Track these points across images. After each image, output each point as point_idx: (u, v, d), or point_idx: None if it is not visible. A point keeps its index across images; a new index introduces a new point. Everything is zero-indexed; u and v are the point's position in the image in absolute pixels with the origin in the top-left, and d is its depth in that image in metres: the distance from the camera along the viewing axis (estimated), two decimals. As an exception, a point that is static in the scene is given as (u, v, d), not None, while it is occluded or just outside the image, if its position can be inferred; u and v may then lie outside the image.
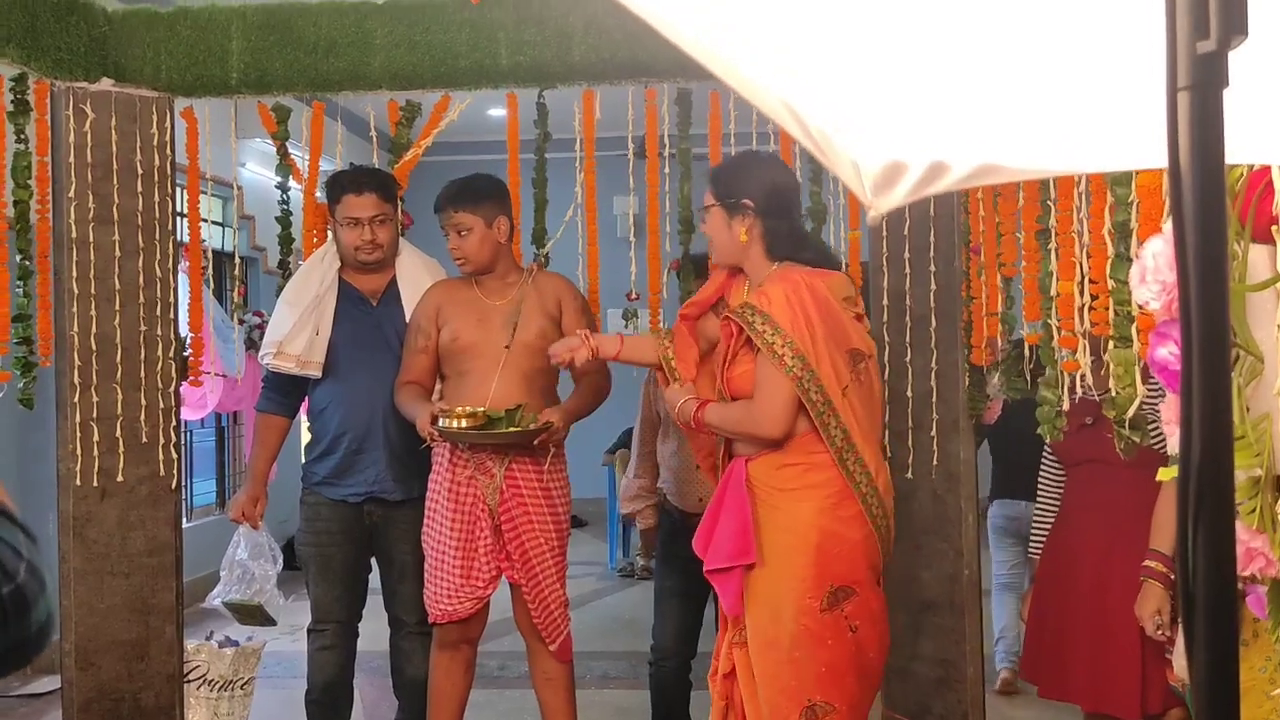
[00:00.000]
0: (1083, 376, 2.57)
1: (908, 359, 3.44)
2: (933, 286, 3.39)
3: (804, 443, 2.60)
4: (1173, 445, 1.38)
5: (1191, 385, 0.76)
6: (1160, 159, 0.87)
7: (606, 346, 3.00)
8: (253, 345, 5.63)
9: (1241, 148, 0.82)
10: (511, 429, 3.07)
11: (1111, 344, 2.37)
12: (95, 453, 3.40)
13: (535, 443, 3.13)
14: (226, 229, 6.53)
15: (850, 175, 0.88)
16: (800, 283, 2.60)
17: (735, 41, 0.88)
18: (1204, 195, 0.75)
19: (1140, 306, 1.83)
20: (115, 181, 3.44)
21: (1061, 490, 3.11)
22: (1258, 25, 0.79)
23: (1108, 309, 2.39)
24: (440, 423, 3.05)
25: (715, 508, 2.69)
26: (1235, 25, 0.76)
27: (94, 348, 3.40)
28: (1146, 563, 2.66)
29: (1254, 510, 1.27)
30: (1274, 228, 1.25)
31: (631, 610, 6.19)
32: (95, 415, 3.41)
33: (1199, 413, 0.79)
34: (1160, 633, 2.60)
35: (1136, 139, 0.89)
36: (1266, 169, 1.27)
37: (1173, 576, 2.62)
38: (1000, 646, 4.62)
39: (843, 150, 0.86)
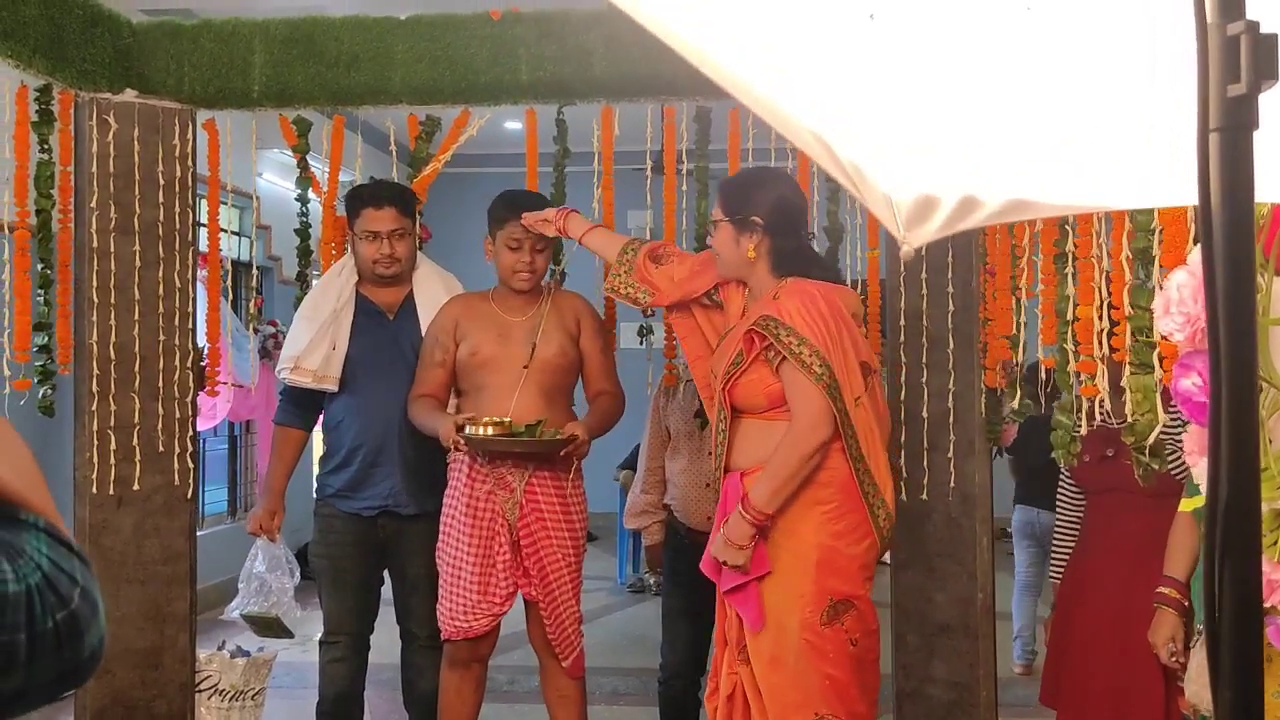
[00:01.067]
0: (1101, 402, 2.56)
1: (924, 379, 3.44)
2: (950, 308, 3.39)
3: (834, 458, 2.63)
4: (1195, 475, 1.38)
5: (1220, 426, 0.76)
6: (1187, 198, 0.87)
7: (574, 227, 3.11)
8: (267, 355, 5.66)
9: (1269, 186, 0.82)
10: (538, 439, 3.09)
11: (1130, 370, 2.37)
12: (112, 461, 3.42)
13: (561, 454, 3.13)
14: (244, 239, 6.56)
15: (883, 209, 0.89)
16: (815, 294, 2.64)
17: (770, 74, 0.89)
18: (1233, 235, 0.75)
19: (1164, 336, 1.83)
20: (137, 192, 3.47)
21: (1081, 513, 3.10)
22: None
23: (1127, 334, 2.39)
24: (467, 430, 3.05)
25: (719, 527, 2.70)
26: (1266, 70, 0.77)
27: (113, 357, 3.42)
28: (1160, 589, 2.66)
29: (1276, 543, 1.27)
30: (1298, 262, 1.26)
31: (642, 626, 6.18)
32: (113, 424, 3.43)
33: (1227, 453, 0.79)
34: (1174, 660, 2.59)
35: (1165, 178, 0.89)
36: (1291, 202, 1.28)
37: (1186, 603, 2.61)
38: (1018, 645, 5.11)
39: (875, 183, 0.87)
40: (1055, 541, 3.22)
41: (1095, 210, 2.18)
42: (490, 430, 3.05)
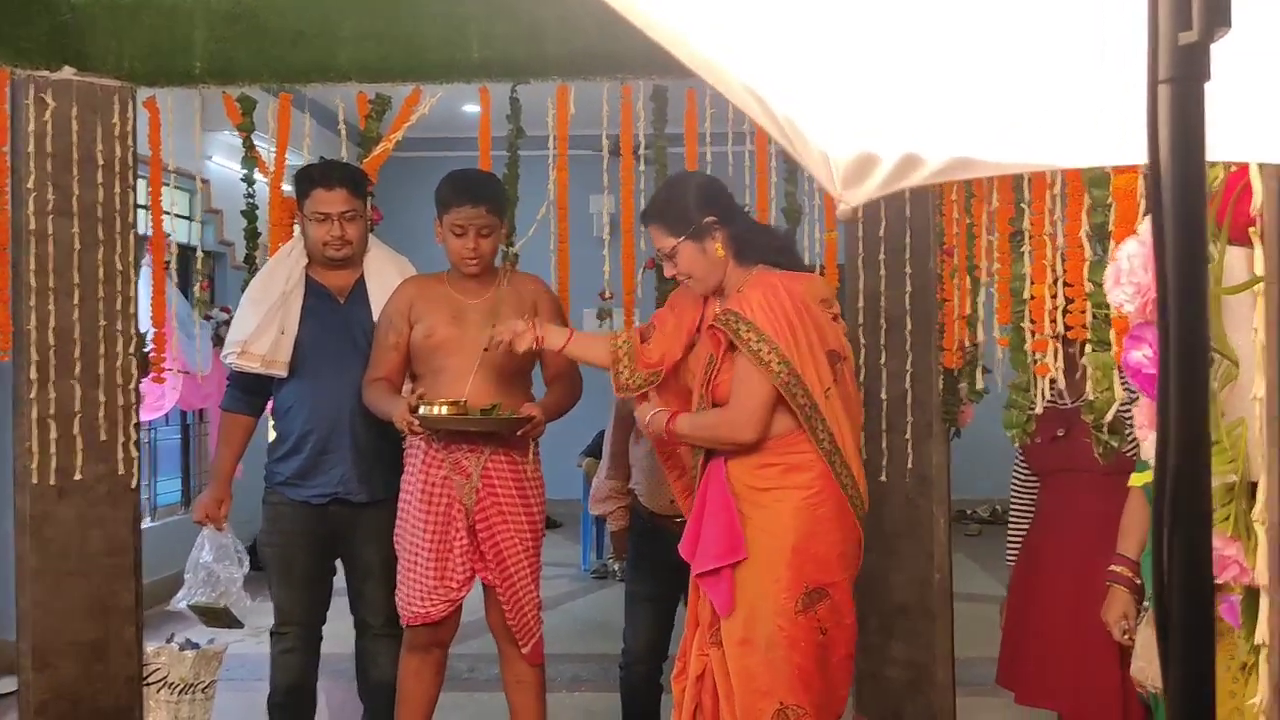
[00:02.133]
0: (1053, 381, 2.55)
1: (882, 361, 3.43)
2: (908, 289, 3.37)
3: (785, 443, 2.60)
4: (1145, 449, 1.36)
5: (1169, 385, 0.73)
6: (1138, 155, 0.84)
7: (553, 338, 2.94)
8: (220, 342, 5.55)
9: (1221, 144, 0.78)
10: (494, 417, 3.04)
11: (1089, 348, 2.35)
12: (53, 450, 3.33)
13: (519, 433, 3.08)
14: (193, 223, 6.43)
15: (819, 166, 0.85)
16: (778, 285, 2.60)
17: (706, 27, 0.84)
18: (1184, 190, 0.72)
19: (1116, 309, 1.81)
20: (75, 172, 3.37)
21: (1034, 495, 3.09)
22: (1240, 17, 0.77)
23: (1084, 313, 2.37)
24: (421, 410, 3.00)
25: (699, 510, 2.66)
26: (1219, 16, 0.73)
27: (52, 343, 3.33)
28: (1112, 567, 2.66)
29: (1228, 517, 1.25)
30: (1251, 229, 1.23)
31: (604, 613, 6.15)
32: (53, 412, 3.33)
33: (1176, 416, 0.76)
34: (1126, 637, 2.59)
35: (1114, 134, 0.86)
36: (1244, 170, 1.25)
37: (1138, 581, 2.61)
38: None
39: (812, 140, 0.83)
40: (1011, 522, 3.20)
41: (1042, 168, 2.16)
42: (444, 410, 3.00)
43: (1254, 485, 1.26)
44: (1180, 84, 0.73)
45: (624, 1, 0.84)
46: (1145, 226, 1.30)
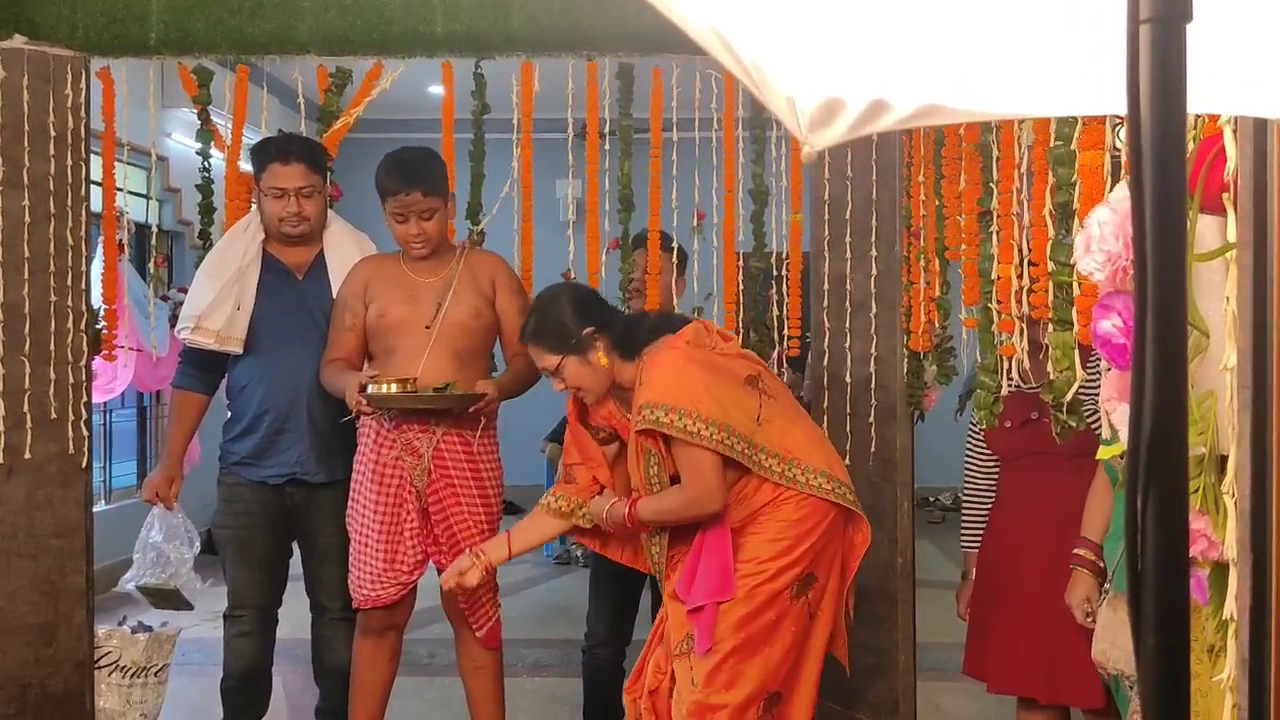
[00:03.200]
0: (1019, 362, 2.54)
1: (847, 345, 3.41)
2: (873, 271, 3.36)
3: (755, 485, 2.62)
4: (1114, 419, 1.33)
5: (1145, 340, 0.70)
6: (1114, 105, 0.80)
7: (495, 552, 2.89)
8: (177, 322, 5.44)
9: (1196, 95, 0.75)
10: (445, 394, 2.99)
11: (1050, 327, 2.33)
12: (1, 428, 3.24)
13: (470, 410, 3.03)
14: (150, 201, 6.31)
15: (784, 110, 0.81)
16: (669, 357, 2.62)
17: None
18: (1164, 133, 0.69)
19: (1081, 281, 1.79)
20: (26, 144, 3.27)
21: (992, 481, 3.07)
22: (1223, -42, 0.74)
23: (1048, 292, 2.35)
24: (370, 389, 2.94)
25: (698, 546, 2.65)
26: (1201, -47, 0.70)
27: (1, 318, 3.23)
28: (1076, 550, 2.66)
29: (1197, 490, 1.23)
30: (1225, 195, 1.21)
31: (566, 598, 6.11)
32: (2, 389, 3.24)
33: (1152, 377, 0.73)
34: (1089, 621, 2.59)
35: (1090, 81, 0.83)
36: (1216, 137, 1.23)
37: (1101, 564, 2.61)
38: None
39: (776, 84, 0.79)
40: (966, 511, 3.18)
41: (1013, 116, 2.14)
42: (393, 388, 2.95)
43: (1224, 458, 1.24)
44: (1161, 24, 0.70)
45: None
46: (1116, 194, 1.27)
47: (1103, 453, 1.31)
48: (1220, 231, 1.24)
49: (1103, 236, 1.18)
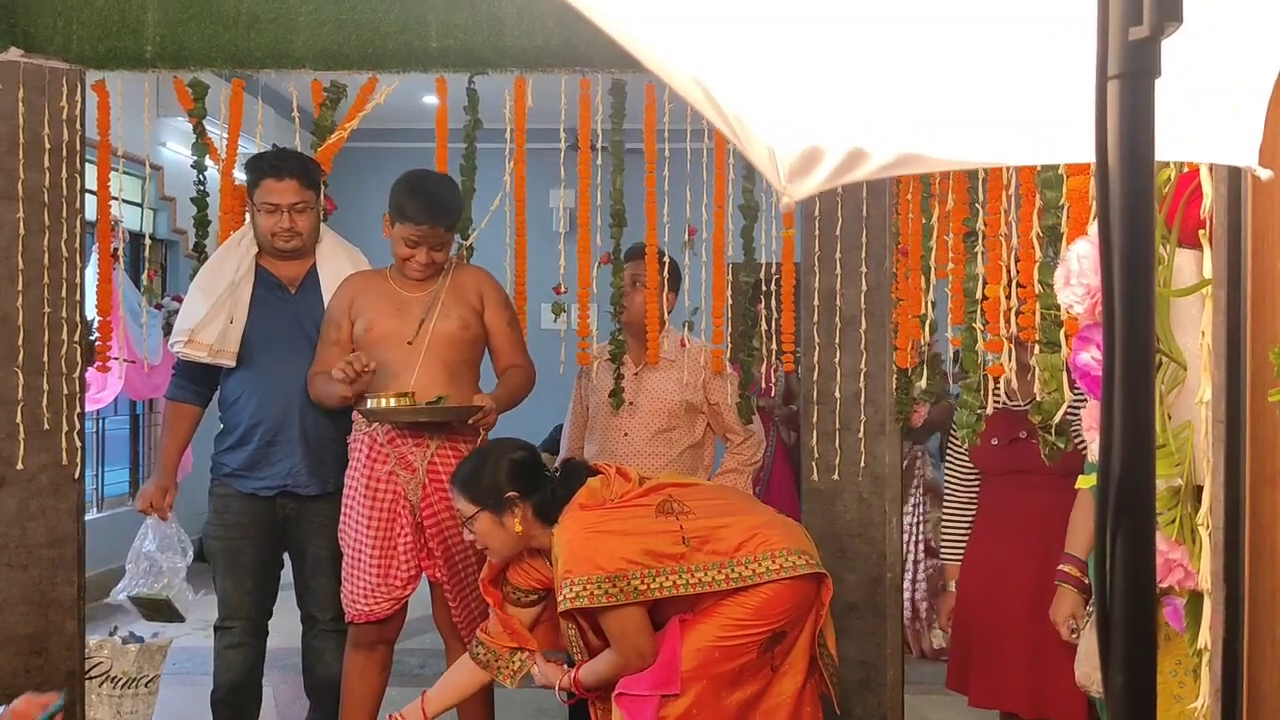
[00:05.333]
0: (1007, 381, 2.56)
1: (836, 360, 3.43)
2: (864, 287, 3.38)
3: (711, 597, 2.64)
4: (1094, 452, 1.36)
5: (1113, 389, 0.72)
6: (1088, 153, 0.82)
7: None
8: (170, 331, 5.44)
9: (1170, 143, 0.77)
10: (444, 406, 3.01)
11: (1038, 349, 2.36)
12: (-7, 439, 3.25)
13: (470, 421, 3.05)
14: (145, 210, 6.32)
15: (764, 160, 0.83)
16: (567, 530, 2.63)
17: (651, 17, 0.82)
18: (1132, 185, 0.71)
19: (1066, 310, 1.81)
20: (21, 156, 3.28)
21: (974, 494, 3.09)
22: (1192, 15, 0.76)
23: (1036, 313, 2.38)
24: (369, 402, 2.96)
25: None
26: (1169, 11, 0.73)
27: (-6, 329, 3.25)
28: (1061, 567, 2.68)
29: (1173, 521, 1.25)
30: (1200, 232, 1.23)
31: (557, 608, 6.11)
32: (-6, 399, 3.25)
33: (1120, 418, 0.75)
34: (1074, 637, 2.61)
35: (1063, 131, 0.85)
36: (1194, 172, 1.25)
37: (1086, 581, 2.63)
38: None
39: (757, 134, 0.81)
40: (946, 525, 3.20)
41: (990, 165, 2.16)
42: (392, 402, 2.97)
43: (1200, 489, 1.26)
44: (1130, 79, 0.72)
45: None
46: (1095, 227, 1.29)
47: (1082, 482, 1.33)
48: (1198, 265, 1.26)
49: (1082, 270, 1.21)
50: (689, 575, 2.58)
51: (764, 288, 3.92)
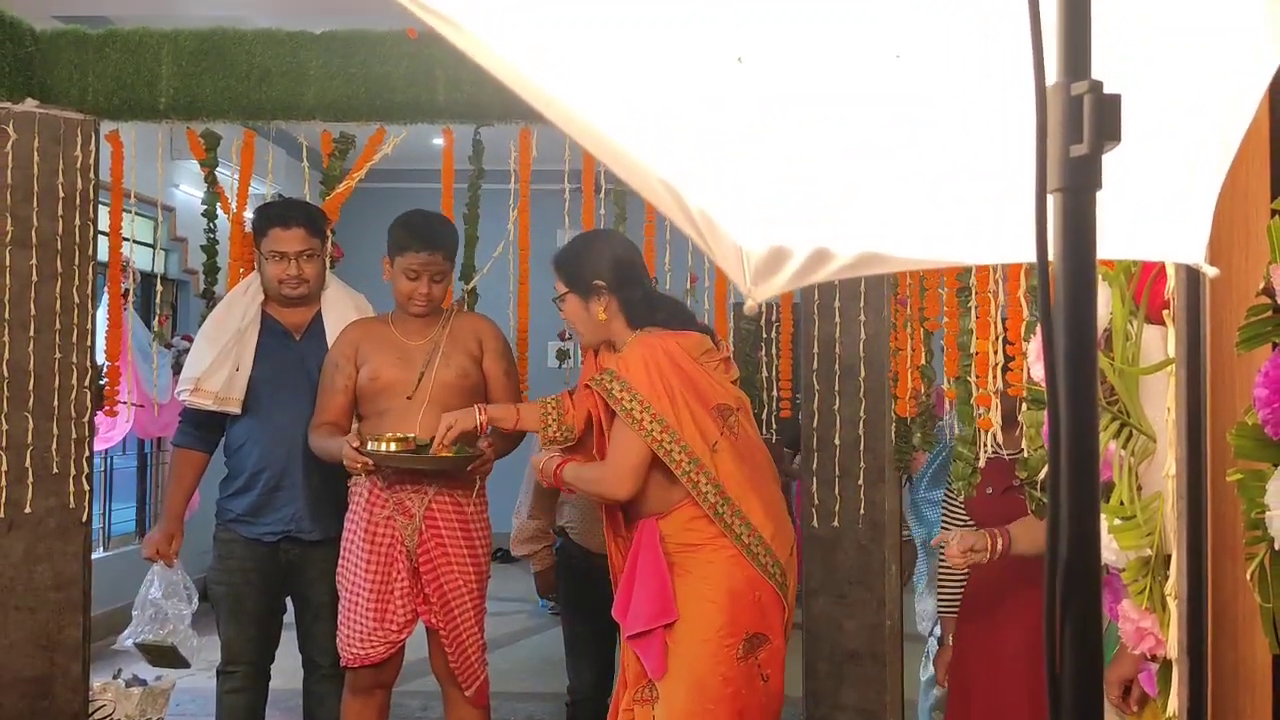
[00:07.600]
0: (994, 435, 2.59)
1: (836, 407, 3.46)
2: (862, 336, 3.41)
3: (693, 512, 2.64)
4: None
5: (1059, 483, 0.75)
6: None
7: (503, 419, 3.02)
8: (180, 370, 5.49)
9: (1122, 243, 0.82)
10: (444, 455, 3.04)
11: (1025, 405, 2.39)
12: (3, 482, 3.30)
13: (469, 468, 3.09)
14: (156, 251, 6.40)
15: (732, 260, 0.88)
16: (656, 346, 2.67)
17: (620, 113, 0.87)
18: (1073, 299, 0.75)
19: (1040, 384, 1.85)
20: (35, 204, 3.36)
21: None
22: (1130, 128, 0.80)
23: (1022, 370, 2.42)
24: (370, 445, 3.00)
25: (630, 572, 2.68)
26: (1109, 130, 0.77)
27: (5, 374, 3.30)
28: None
29: (1143, 590, 1.28)
30: (1165, 312, 1.27)
31: (560, 650, 6.08)
32: (4, 444, 3.30)
33: (1066, 504, 0.79)
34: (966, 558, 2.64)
35: (1021, 233, 0.89)
36: (1163, 250, 1.29)
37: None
38: None
39: (725, 234, 0.86)
40: (943, 573, 3.21)
41: (951, 265, 2.21)
42: (394, 446, 3.01)
43: (1169, 558, 1.29)
44: (1071, 194, 0.76)
45: (531, 93, 0.87)
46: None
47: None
48: (1164, 341, 1.30)
49: (1053, 345, 1.24)
50: (694, 471, 2.60)
51: (764, 335, 3.96)
